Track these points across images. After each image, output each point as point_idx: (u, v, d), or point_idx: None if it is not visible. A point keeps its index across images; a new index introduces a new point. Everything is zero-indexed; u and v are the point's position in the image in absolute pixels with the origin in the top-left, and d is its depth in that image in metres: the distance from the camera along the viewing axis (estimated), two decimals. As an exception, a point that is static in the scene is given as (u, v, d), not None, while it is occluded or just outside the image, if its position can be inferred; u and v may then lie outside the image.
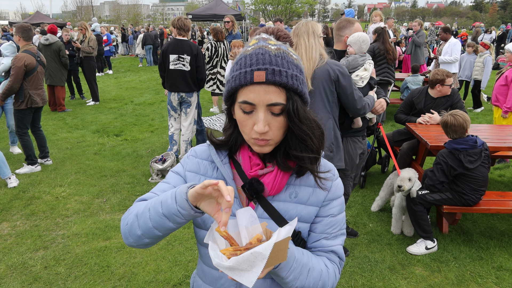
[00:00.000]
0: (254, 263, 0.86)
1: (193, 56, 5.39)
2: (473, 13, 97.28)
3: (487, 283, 3.22)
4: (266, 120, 1.02)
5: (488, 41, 9.16)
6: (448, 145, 3.49)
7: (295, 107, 1.02)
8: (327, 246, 1.19)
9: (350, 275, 3.31)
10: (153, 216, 1.07)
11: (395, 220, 3.93)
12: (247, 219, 0.99)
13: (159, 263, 3.46)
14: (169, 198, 1.04)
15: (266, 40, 1.07)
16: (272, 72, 0.99)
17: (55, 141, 7.00)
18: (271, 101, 1.01)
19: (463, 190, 3.52)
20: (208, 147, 1.24)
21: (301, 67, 1.07)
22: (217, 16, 20.78)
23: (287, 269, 1.03)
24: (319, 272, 1.12)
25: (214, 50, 7.69)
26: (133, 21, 63.79)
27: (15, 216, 4.33)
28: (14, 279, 3.28)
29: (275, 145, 1.09)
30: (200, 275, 1.27)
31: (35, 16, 26.56)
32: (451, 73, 4.60)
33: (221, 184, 0.92)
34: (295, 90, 1.02)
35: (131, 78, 14.87)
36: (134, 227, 1.12)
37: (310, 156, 1.09)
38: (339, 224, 1.21)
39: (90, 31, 10.09)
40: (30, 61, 5.18)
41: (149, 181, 5.23)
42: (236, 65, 1.06)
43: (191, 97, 5.58)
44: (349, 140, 3.45)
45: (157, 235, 1.10)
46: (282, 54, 1.03)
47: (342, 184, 1.23)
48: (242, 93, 1.03)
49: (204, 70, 5.57)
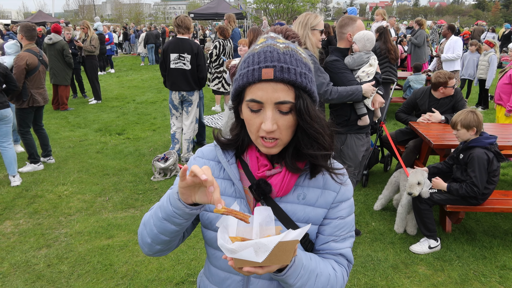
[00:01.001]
0: (256, 253, 0.87)
1: (193, 55, 5.39)
2: (475, 12, 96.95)
3: (491, 282, 3.21)
4: (274, 118, 1.00)
5: (492, 39, 9.12)
6: (479, 142, 3.43)
7: (305, 105, 1.00)
8: (336, 249, 1.17)
9: (353, 274, 3.30)
10: (155, 222, 1.09)
11: (399, 219, 3.91)
12: (264, 218, 0.99)
13: (162, 262, 3.46)
14: (165, 201, 1.06)
15: (274, 39, 1.05)
16: (280, 69, 0.98)
17: (58, 140, 7.01)
18: (280, 99, 0.99)
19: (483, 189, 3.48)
20: (214, 147, 1.23)
21: (310, 65, 1.06)
22: (218, 14, 20.73)
23: (294, 276, 1.02)
24: (327, 277, 1.11)
25: (222, 48, 7.70)
26: (135, 20, 63.78)
27: (18, 215, 4.34)
28: (18, 277, 3.28)
29: (283, 146, 1.07)
30: (207, 275, 1.26)
31: (38, 15, 26.62)
32: (453, 75, 4.59)
33: (194, 168, 0.92)
34: (304, 88, 1.00)
35: (133, 77, 14.88)
36: (144, 235, 1.15)
37: (322, 154, 1.07)
38: (348, 226, 1.19)
39: (92, 30, 10.10)
40: (32, 61, 5.19)
41: (151, 179, 5.23)
42: (244, 63, 1.04)
43: (192, 96, 5.57)
44: (353, 137, 3.45)
45: (164, 240, 1.12)
46: (291, 52, 1.02)
47: (351, 186, 1.20)
48: (250, 91, 1.01)
49: (205, 69, 5.56)
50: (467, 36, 15.22)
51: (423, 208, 3.58)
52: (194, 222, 1.28)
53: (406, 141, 4.97)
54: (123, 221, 4.16)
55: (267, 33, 1.11)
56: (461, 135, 3.52)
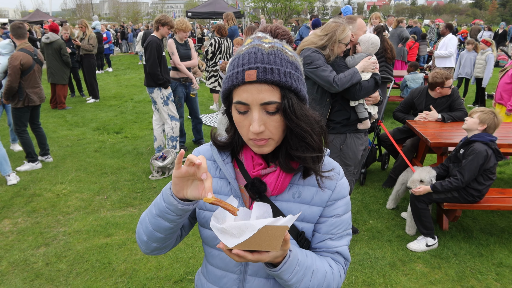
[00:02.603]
0: (244, 232, 0.89)
1: (144, 49, 5.37)
2: (472, 11, 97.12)
3: (487, 279, 3.23)
4: (261, 119, 1.01)
5: (489, 37, 9.15)
6: (481, 137, 3.44)
7: (291, 105, 1.01)
8: (332, 247, 1.17)
9: (350, 272, 3.32)
10: (150, 219, 1.11)
11: (410, 219, 3.85)
12: (261, 213, 1.00)
13: (160, 260, 3.47)
14: (159, 198, 1.08)
15: (260, 39, 1.06)
16: (263, 70, 0.98)
17: (56, 139, 7.00)
18: (264, 100, 0.99)
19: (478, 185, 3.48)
20: (210, 147, 1.24)
21: (297, 64, 1.05)
22: (216, 13, 20.74)
23: (289, 271, 1.03)
24: (323, 274, 1.11)
25: (218, 46, 7.67)
26: (133, 18, 63.64)
27: (16, 213, 4.34)
28: (16, 275, 3.29)
29: (275, 145, 1.07)
30: (204, 273, 1.28)
31: (35, 14, 26.56)
32: (451, 75, 4.61)
33: (190, 156, 0.94)
34: (289, 87, 1.00)
35: (131, 75, 14.86)
36: (140, 233, 1.17)
37: (312, 156, 1.07)
38: (344, 224, 1.19)
39: (90, 29, 10.08)
40: (26, 60, 5.15)
41: (149, 178, 5.24)
42: (230, 66, 1.05)
43: (152, 93, 5.53)
44: (352, 136, 3.46)
45: (160, 237, 1.14)
46: (276, 52, 1.02)
47: (347, 184, 1.20)
48: (236, 94, 1.02)
49: (152, 65, 5.28)
50: (465, 35, 15.27)
51: (421, 207, 3.60)
52: (191, 221, 1.29)
53: (403, 139, 4.99)
54: (122, 220, 4.17)
55: (255, 32, 1.13)
56: (471, 124, 3.49)
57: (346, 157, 3.47)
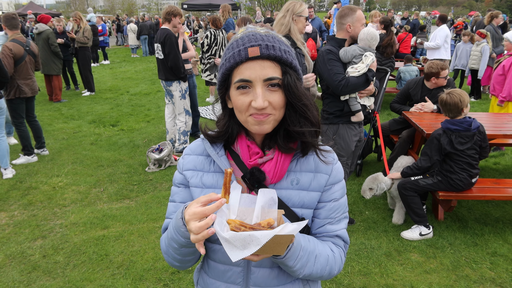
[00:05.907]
0: (248, 245, 0.87)
1: (162, 44, 5.36)
2: (469, 2, 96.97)
3: (482, 268, 3.26)
4: (264, 95, 1.03)
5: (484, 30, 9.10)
6: (444, 124, 3.53)
7: (293, 80, 1.04)
8: (332, 231, 1.19)
9: (347, 262, 3.34)
10: (176, 252, 1.13)
11: (398, 208, 3.94)
12: (267, 200, 1.00)
13: (157, 251, 3.48)
14: (173, 233, 1.08)
15: (254, 27, 1.10)
16: (265, 47, 1.02)
17: (51, 132, 6.98)
18: (268, 75, 1.02)
19: (451, 168, 3.54)
20: (202, 141, 1.23)
21: (291, 48, 1.10)
22: (212, 5, 20.61)
23: (294, 258, 1.04)
24: (326, 258, 1.13)
25: (214, 38, 7.62)
26: (128, 11, 63.10)
27: (13, 206, 4.33)
28: (13, 268, 3.29)
29: (275, 123, 1.08)
30: (205, 270, 1.26)
31: (29, 6, 26.28)
32: (446, 65, 4.61)
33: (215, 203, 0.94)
34: (289, 64, 1.04)
35: (127, 68, 14.78)
36: (172, 262, 1.20)
37: (310, 130, 1.09)
38: (342, 207, 1.21)
39: (84, 21, 9.99)
40: (17, 51, 5.11)
41: (146, 170, 5.24)
42: (228, 50, 1.07)
43: (170, 86, 5.56)
44: (345, 127, 3.46)
45: (189, 259, 1.18)
46: (272, 34, 1.07)
47: (342, 168, 1.23)
48: (238, 73, 1.04)
49: (175, 58, 5.33)
50: (460, 27, 15.23)
51: (408, 195, 3.64)
52: None
53: (399, 130, 5.00)
54: (118, 212, 4.17)
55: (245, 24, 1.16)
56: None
57: (339, 148, 3.48)
